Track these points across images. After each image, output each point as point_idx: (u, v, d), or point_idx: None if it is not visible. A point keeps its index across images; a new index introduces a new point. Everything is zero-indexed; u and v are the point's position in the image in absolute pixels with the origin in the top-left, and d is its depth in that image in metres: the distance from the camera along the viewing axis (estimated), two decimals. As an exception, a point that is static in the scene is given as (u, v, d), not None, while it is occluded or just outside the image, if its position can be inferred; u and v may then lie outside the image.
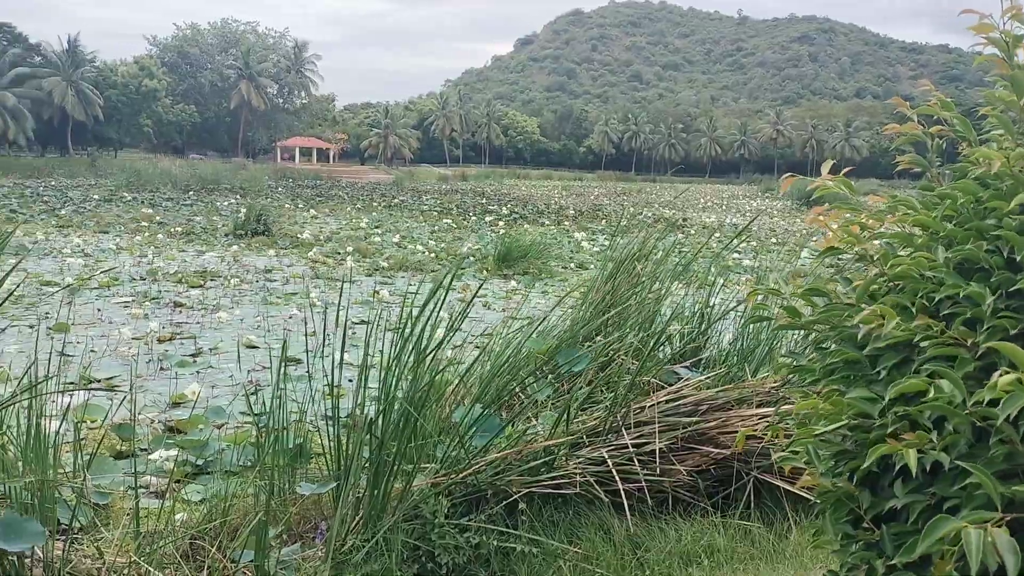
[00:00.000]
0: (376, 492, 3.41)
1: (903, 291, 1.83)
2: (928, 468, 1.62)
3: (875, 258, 1.87)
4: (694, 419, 4.09)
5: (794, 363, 2.09)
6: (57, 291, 11.11)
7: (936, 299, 1.77)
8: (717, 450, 4.06)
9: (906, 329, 1.71)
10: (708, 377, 4.48)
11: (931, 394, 1.61)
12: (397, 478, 3.46)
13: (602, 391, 4.52)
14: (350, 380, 6.75)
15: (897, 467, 1.62)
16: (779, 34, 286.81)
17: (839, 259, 2.14)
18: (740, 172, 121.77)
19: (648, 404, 4.10)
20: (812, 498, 2.04)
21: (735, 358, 5.05)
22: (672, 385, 4.42)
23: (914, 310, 1.75)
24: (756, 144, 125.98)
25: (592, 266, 15.46)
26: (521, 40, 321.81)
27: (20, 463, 3.47)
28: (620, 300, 5.28)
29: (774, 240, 22.90)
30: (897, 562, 1.61)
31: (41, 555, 3.20)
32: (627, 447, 3.84)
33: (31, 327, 8.82)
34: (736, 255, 18.62)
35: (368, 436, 3.52)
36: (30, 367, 3.56)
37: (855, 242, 1.91)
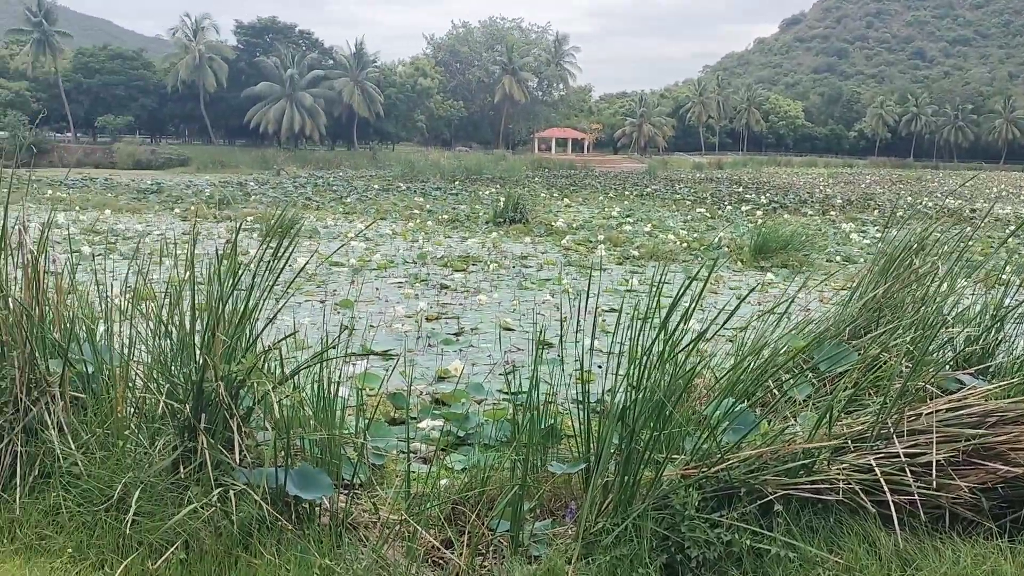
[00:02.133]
0: (627, 478, 3.44)
1: None
2: None
3: None
4: (979, 432, 3.67)
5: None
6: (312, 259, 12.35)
7: None
8: (1007, 467, 3.61)
9: None
10: (999, 386, 4.00)
11: None
12: (647, 466, 3.46)
13: (869, 394, 4.20)
14: (599, 366, 6.85)
15: None
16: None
17: None
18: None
19: (924, 412, 3.75)
20: None
21: (1034, 367, 4.45)
22: (953, 393, 4.00)
23: None
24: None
25: (861, 260, 14.37)
26: (787, 20, 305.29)
27: (313, 421, 3.91)
28: (892, 297, 4.87)
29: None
30: None
31: (328, 505, 3.60)
32: (898, 456, 3.53)
33: (322, 302, 9.91)
34: (1036, 251, 16.39)
35: (619, 423, 3.56)
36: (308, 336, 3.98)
37: None
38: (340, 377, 4.21)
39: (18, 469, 3.66)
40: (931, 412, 3.73)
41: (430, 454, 4.76)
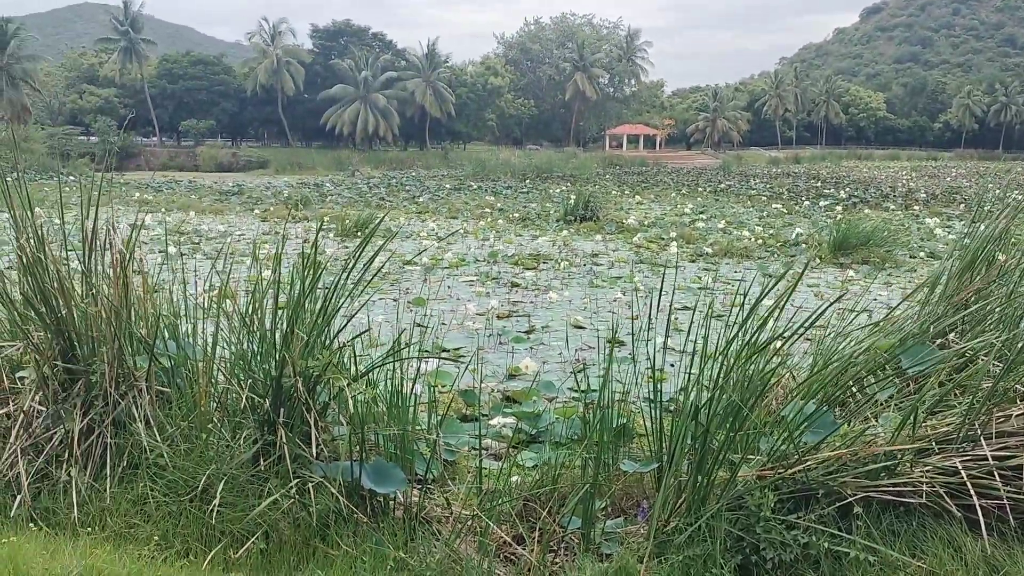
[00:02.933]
0: (700, 478, 3.39)
1: None
2: None
3: None
4: (1076, 435, 3.49)
5: None
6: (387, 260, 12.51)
7: None
8: (1106, 474, 3.43)
9: None
10: (1097, 388, 3.80)
11: None
12: (721, 466, 3.41)
13: (955, 395, 4.04)
14: (672, 364, 6.77)
15: None
16: None
17: None
18: None
19: (1015, 413, 3.59)
20: None
21: None
22: (1047, 394, 3.82)
23: None
24: None
25: (946, 256, 13.83)
26: (867, 9, 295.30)
27: (386, 417, 3.98)
28: (980, 294, 4.67)
29: None
30: None
31: (402, 499, 3.66)
32: (986, 459, 3.39)
33: (395, 300, 10.07)
34: None
35: (692, 423, 3.51)
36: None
37: None
38: (413, 374, 4.27)
39: (108, 460, 3.83)
40: (1022, 414, 3.57)
41: (501, 451, 4.79)
